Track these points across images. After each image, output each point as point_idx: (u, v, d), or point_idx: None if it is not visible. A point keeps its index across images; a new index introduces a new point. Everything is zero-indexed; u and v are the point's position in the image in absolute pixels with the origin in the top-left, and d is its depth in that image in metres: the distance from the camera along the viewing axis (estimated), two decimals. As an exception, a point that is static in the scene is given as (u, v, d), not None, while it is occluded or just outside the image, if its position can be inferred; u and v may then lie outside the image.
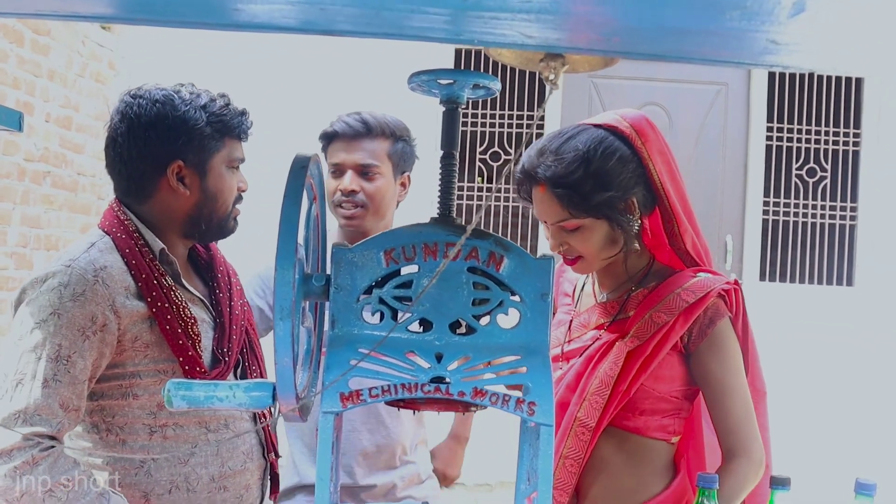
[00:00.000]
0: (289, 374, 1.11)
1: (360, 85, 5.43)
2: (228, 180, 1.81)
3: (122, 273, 1.71)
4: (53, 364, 1.61)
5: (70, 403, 1.63)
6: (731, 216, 5.62)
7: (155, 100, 1.77)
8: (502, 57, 1.02)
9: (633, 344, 1.73)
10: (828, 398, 5.40)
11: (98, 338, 1.65)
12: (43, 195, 4.66)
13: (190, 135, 1.75)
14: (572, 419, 1.74)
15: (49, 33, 4.63)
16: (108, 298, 1.66)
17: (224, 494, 1.82)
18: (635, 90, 5.60)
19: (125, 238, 1.75)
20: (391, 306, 1.21)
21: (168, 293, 1.72)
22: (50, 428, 1.60)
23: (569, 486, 1.75)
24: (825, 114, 5.61)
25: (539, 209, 1.75)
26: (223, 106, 1.80)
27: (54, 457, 1.60)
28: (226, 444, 1.79)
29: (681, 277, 1.78)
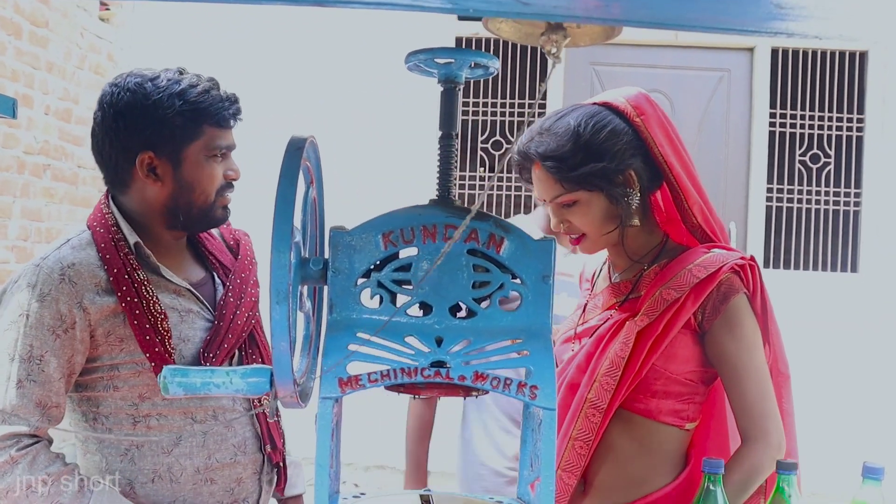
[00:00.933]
0: (286, 359, 1.10)
1: (361, 67, 5.41)
2: (208, 169, 1.74)
3: (93, 268, 1.69)
4: (27, 364, 1.63)
5: (47, 401, 1.64)
6: (735, 203, 5.59)
7: (127, 88, 1.73)
8: (502, 32, 0.99)
9: (643, 322, 1.69)
10: (833, 384, 5.38)
11: (68, 336, 1.65)
12: (43, 188, 4.64)
13: (160, 124, 1.70)
14: (583, 400, 1.72)
15: (47, 25, 4.61)
16: (75, 296, 1.65)
17: (211, 487, 1.79)
18: (637, 77, 5.56)
19: (103, 232, 1.73)
20: (390, 290, 1.19)
21: (139, 287, 1.69)
22: (28, 426, 1.62)
23: (577, 469, 1.72)
24: (828, 99, 5.58)
25: (537, 188, 1.75)
26: (202, 92, 1.72)
27: (33, 455, 1.61)
28: (213, 435, 1.77)
29: (693, 254, 1.74)
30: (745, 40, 5.54)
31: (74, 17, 4.89)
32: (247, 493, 1.85)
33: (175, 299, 1.75)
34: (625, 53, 5.56)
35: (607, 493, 1.74)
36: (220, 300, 1.81)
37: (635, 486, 1.74)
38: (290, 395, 1.14)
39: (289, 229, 1.08)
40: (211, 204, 1.76)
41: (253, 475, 1.85)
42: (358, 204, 2.81)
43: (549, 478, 1.18)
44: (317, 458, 1.16)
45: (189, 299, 1.78)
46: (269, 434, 1.85)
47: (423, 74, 1.28)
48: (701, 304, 1.69)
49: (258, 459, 1.85)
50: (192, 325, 1.76)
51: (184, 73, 1.78)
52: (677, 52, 5.60)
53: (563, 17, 0.80)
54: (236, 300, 1.82)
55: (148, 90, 1.72)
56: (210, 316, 1.80)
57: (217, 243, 1.92)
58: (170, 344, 1.69)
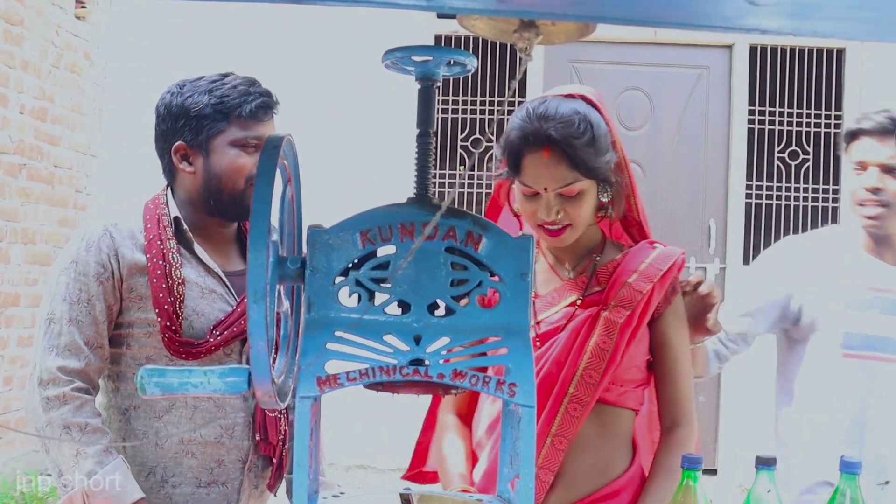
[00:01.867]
0: (263, 359, 1.09)
1: (338, 66, 5.39)
2: (234, 160, 1.89)
3: (134, 231, 1.90)
4: (77, 306, 1.85)
5: (94, 342, 1.85)
6: (714, 200, 5.62)
7: (170, 90, 1.95)
8: (476, 29, 0.99)
9: (620, 314, 1.74)
10: (812, 380, 5.41)
11: (109, 284, 1.86)
12: (19, 188, 4.60)
13: (190, 117, 1.89)
14: (563, 396, 1.74)
15: (22, 23, 4.57)
16: (111, 248, 1.87)
17: (191, 461, 1.90)
18: (616, 75, 5.58)
19: (152, 208, 1.94)
20: (368, 288, 1.19)
21: (167, 253, 1.87)
22: (78, 362, 1.83)
23: (555, 465, 1.74)
24: (807, 96, 5.62)
25: (541, 174, 1.70)
26: (231, 87, 1.90)
27: (81, 401, 1.82)
28: (202, 411, 1.89)
29: (643, 248, 1.83)
30: (724, 38, 5.57)
31: (50, 15, 4.85)
32: (227, 478, 1.92)
33: (201, 276, 1.91)
34: (604, 51, 5.57)
35: (576, 482, 1.77)
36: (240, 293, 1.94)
37: (600, 473, 1.79)
38: (268, 395, 1.13)
39: (266, 228, 1.08)
40: (240, 193, 1.91)
41: (237, 461, 1.92)
42: (336, 202, 2.81)
43: (528, 475, 1.18)
44: (295, 457, 1.16)
45: (216, 281, 1.93)
46: (264, 425, 1.92)
47: (400, 72, 1.27)
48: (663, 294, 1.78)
49: (244, 447, 1.92)
50: (210, 304, 1.90)
51: (227, 75, 1.96)
52: (656, 50, 5.62)
53: (539, 15, 0.80)
54: None
55: (185, 89, 1.92)
56: (233, 301, 1.93)
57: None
58: (180, 307, 1.85)
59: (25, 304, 4.68)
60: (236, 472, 1.92)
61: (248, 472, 1.93)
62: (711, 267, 5.53)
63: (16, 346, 4.62)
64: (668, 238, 1.98)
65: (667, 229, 5.52)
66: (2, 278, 4.50)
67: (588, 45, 5.46)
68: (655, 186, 5.58)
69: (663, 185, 5.58)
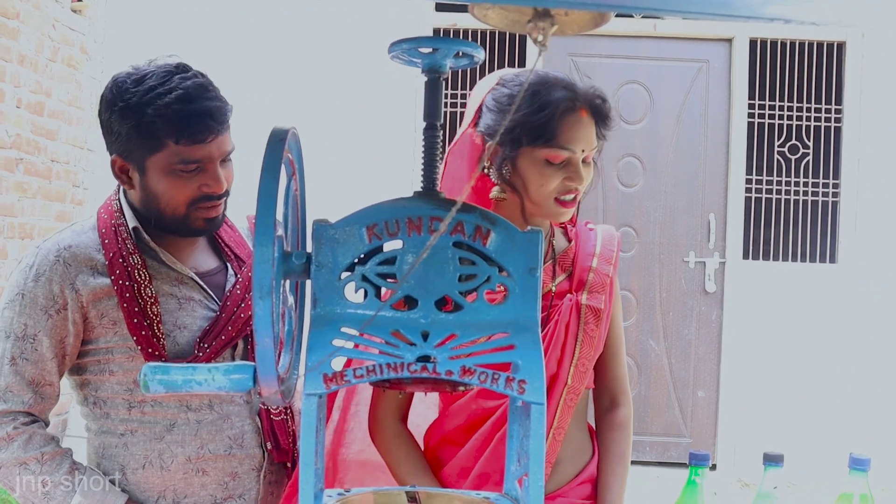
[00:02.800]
0: (269, 355, 1.07)
1: (343, 58, 5.37)
2: (172, 184, 1.68)
3: (90, 251, 1.73)
4: (21, 343, 1.69)
5: (40, 380, 1.71)
6: (714, 194, 5.60)
7: (112, 86, 1.71)
8: (488, 19, 0.97)
9: (598, 300, 1.77)
10: (813, 375, 5.41)
11: (60, 316, 1.70)
12: (16, 183, 4.58)
13: (128, 130, 1.67)
14: (562, 388, 1.74)
15: (18, 17, 4.54)
16: (67, 277, 1.70)
17: (203, 478, 1.78)
18: (616, 68, 5.56)
19: (106, 218, 1.76)
20: (375, 284, 1.17)
21: (132, 271, 1.70)
22: (21, 405, 1.69)
23: (553, 457, 1.76)
24: (807, 90, 5.60)
25: (580, 136, 1.67)
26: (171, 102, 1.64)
27: (29, 434, 1.69)
28: (207, 425, 1.77)
29: (585, 230, 1.85)
30: (724, 31, 5.55)
31: (46, 9, 4.82)
32: (244, 490, 1.81)
33: (175, 286, 1.76)
34: (603, 44, 5.55)
35: (562, 468, 1.79)
36: (228, 291, 1.80)
37: (580, 457, 1.82)
38: (274, 392, 1.12)
39: (271, 223, 1.06)
40: (183, 216, 1.72)
41: (251, 471, 1.81)
42: (341, 197, 2.79)
43: (537, 473, 1.16)
44: (301, 455, 1.14)
45: (192, 288, 1.78)
46: (273, 431, 1.81)
47: (406, 64, 1.25)
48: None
49: (257, 455, 1.81)
50: (191, 313, 1.75)
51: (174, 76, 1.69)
52: (656, 43, 5.60)
53: (553, 3, 0.78)
54: (244, 292, 1.79)
55: (125, 92, 1.67)
56: (215, 306, 1.78)
57: (236, 235, 1.90)
58: (159, 329, 1.70)
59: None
60: (252, 482, 1.81)
61: (265, 480, 1.83)
62: (711, 261, 5.52)
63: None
64: (667, 232, 2.00)
65: (666, 223, 5.50)
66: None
67: (587, 38, 5.44)
68: (655, 180, 5.56)
69: (663, 179, 5.56)
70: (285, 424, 1.83)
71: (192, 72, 1.72)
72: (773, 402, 5.41)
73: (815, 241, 5.60)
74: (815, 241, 5.60)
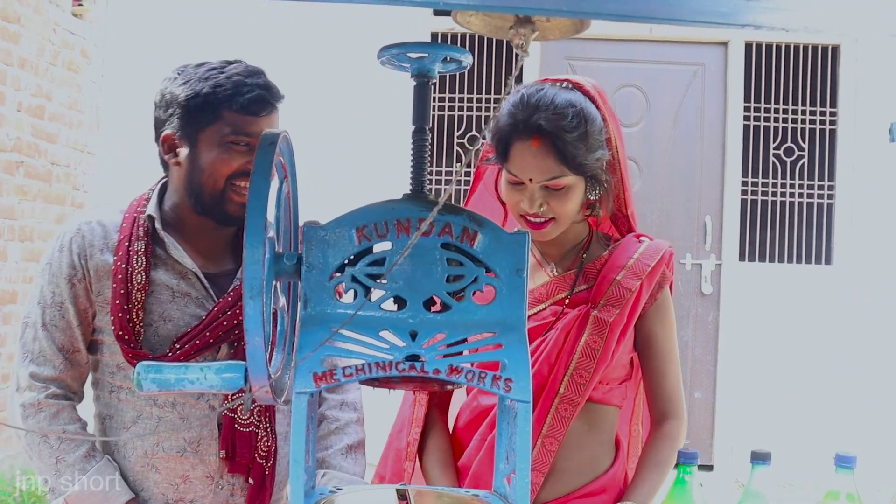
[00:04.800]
0: (260, 354, 1.09)
1: (335, 62, 5.39)
2: (220, 156, 1.75)
3: (109, 230, 1.80)
4: (50, 310, 1.77)
5: (70, 346, 1.77)
6: (710, 197, 5.62)
7: (168, 76, 1.82)
8: (471, 25, 0.99)
9: (610, 313, 1.72)
10: (807, 375, 5.43)
11: (82, 286, 1.77)
12: (16, 185, 4.60)
13: (180, 106, 1.76)
14: (553, 396, 1.72)
15: (19, 21, 4.57)
16: (82, 249, 1.77)
17: (156, 476, 1.78)
18: (612, 72, 5.59)
19: (135, 203, 1.83)
20: (364, 284, 1.19)
21: (132, 255, 1.75)
22: (53, 370, 1.76)
23: (545, 466, 1.73)
24: (802, 93, 5.62)
25: (527, 165, 1.66)
26: (228, 76, 1.76)
27: (57, 408, 1.75)
28: (165, 423, 1.77)
29: (630, 243, 1.80)
30: (719, 35, 5.57)
31: (47, 13, 4.84)
32: (195, 496, 1.79)
33: (174, 278, 1.79)
34: (600, 48, 5.57)
35: (562, 479, 1.77)
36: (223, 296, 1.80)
37: (586, 470, 1.79)
38: (265, 391, 1.14)
39: (262, 225, 1.08)
40: (220, 193, 1.76)
41: (204, 478, 1.79)
42: (332, 199, 2.81)
43: (524, 471, 1.18)
44: (292, 453, 1.16)
45: (192, 283, 1.80)
46: (232, 441, 1.78)
47: (395, 69, 1.27)
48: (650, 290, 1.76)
49: (212, 462, 1.79)
50: (181, 308, 1.77)
51: (232, 63, 1.82)
52: (652, 47, 5.63)
53: (533, 11, 0.80)
54: (235, 299, 1.79)
55: (182, 75, 1.79)
56: (210, 306, 1.79)
57: None
58: (137, 315, 1.73)
59: (23, 301, 4.68)
60: (205, 489, 1.79)
61: (220, 490, 1.80)
62: (707, 263, 5.54)
63: (13, 343, 4.62)
64: (663, 234, 1.98)
65: (662, 225, 5.52)
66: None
67: (584, 41, 5.47)
68: (651, 183, 5.58)
69: (659, 182, 5.59)
70: (252, 438, 1.79)
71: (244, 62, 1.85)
72: (769, 403, 5.43)
73: (810, 243, 5.62)
74: (811, 242, 5.62)
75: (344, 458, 1.87)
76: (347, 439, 1.89)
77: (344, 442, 1.88)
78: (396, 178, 3.61)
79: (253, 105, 1.75)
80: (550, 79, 1.75)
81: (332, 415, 1.91)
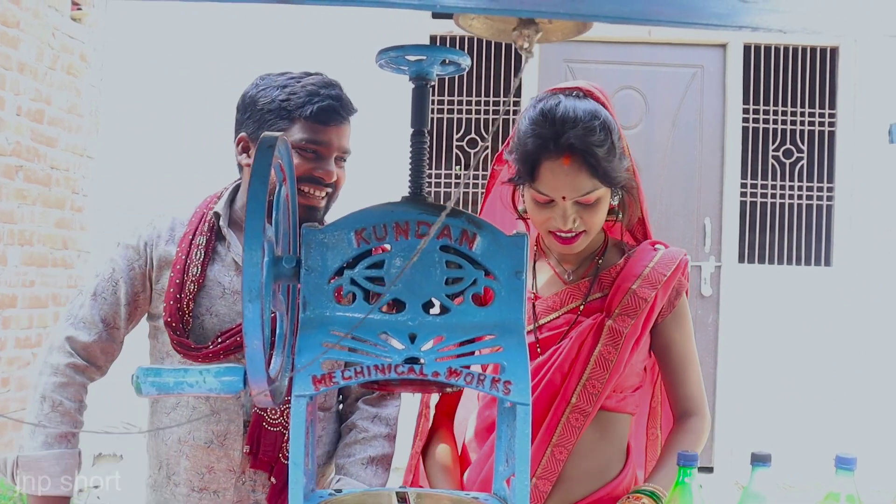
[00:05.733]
0: (259, 357, 1.09)
1: (333, 65, 5.38)
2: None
3: (178, 223, 1.91)
4: (105, 283, 1.87)
5: (112, 321, 1.87)
6: (709, 199, 5.62)
7: (252, 82, 1.91)
8: (473, 29, 0.99)
9: (625, 323, 1.70)
10: (807, 377, 5.43)
11: (141, 272, 1.87)
12: (16, 190, 4.60)
13: (256, 110, 1.84)
14: (565, 405, 1.71)
15: (18, 25, 4.57)
16: (150, 237, 1.88)
17: (185, 462, 1.87)
18: (611, 74, 5.59)
19: (207, 201, 1.93)
20: (363, 287, 1.19)
21: (192, 248, 1.85)
22: (88, 337, 1.85)
23: (554, 475, 1.72)
24: (800, 94, 5.62)
25: (560, 183, 1.63)
26: (300, 86, 1.84)
27: (68, 381, 1.83)
28: (199, 413, 1.87)
29: (646, 251, 1.79)
30: (718, 37, 5.58)
31: (46, 17, 4.84)
32: (218, 487, 1.86)
33: (228, 276, 1.86)
34: (598, 50, 5.58)
35: (571, 486, 1.76)
36: None
37: (596, 478, 1.77)
38: (263, 393, 1.14)
39: (260, 228, 1.08)
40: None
41: (227, 472, 1.86)
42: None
43: (523, 473, 1.18)
44: (291, 455, 1.17)
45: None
46: (257, 438, 1.83)
47: (394, 72, 1.28)
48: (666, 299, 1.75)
49: (235, 458, 1.85)
50: (229, 305, 1.85)
51: (311, 74, 1.92)
52: (650, 49, 5.63)
53: (533, 13, 0.80)
54: None
55: (263, 81, 1.88)
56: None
57: None
58: (188, 305, 1.82)
59: (23, 305, 4.68)
60: (227, 482, 1.87)
61: (241, 484, 1.87)
62: (707, 265, 5.54)
63: (13, 347, 4.61)
64: (663, 237, 1.96)
65: (662, 228, 5.52)
66: (-2, 280, 4.50)
67: (583, 44, 5.47)
68: (650, 185, 5.58)
69: (658, 184, 5.59)
70: (278, 438, 1.84)
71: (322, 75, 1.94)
72: (769, 405, 5.42)
73: (809, 245, 5.63)
74: (810, 244, 5.63)
75: (363, 469, 1.89)
76: (371, 451, 1.91)
77: (367, 453, 1.90)
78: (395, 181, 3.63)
79: (323, 114, 1.83)
80: (559, 87, 1.73)
81: (362, 425, 1.93)
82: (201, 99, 5.05)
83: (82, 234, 5.25)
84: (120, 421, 4.76)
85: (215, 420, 1.84)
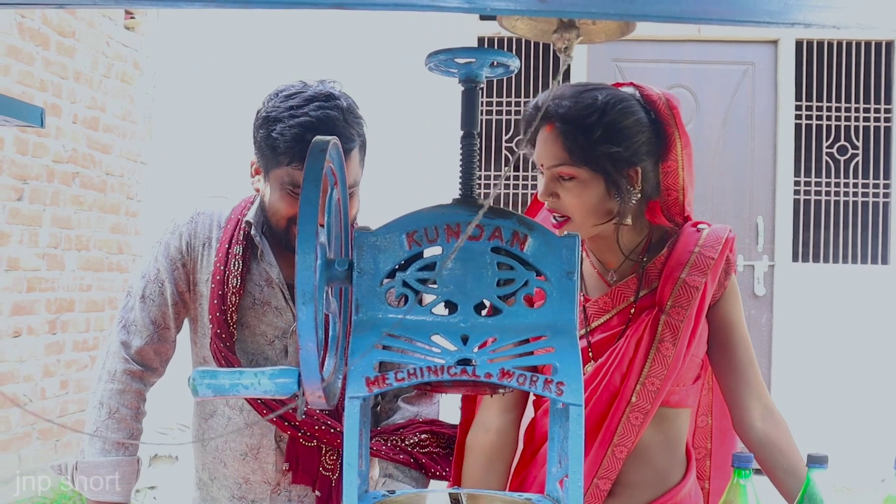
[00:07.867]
0: (313, 359, 1.10)
1: (383, 69, 5.42)
2: (281, 198, 1.76)
3: (215, 225, 1.88)
4: (151, 284, 1.87)
5: (161, 322, 1.87)
6: (762, 197, 5.55)
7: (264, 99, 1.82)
8: (517, 30, 1.00)
9: (680, 315, 1.66)
10: (864, 377, 5.33)
11: (185, 270, 1.87)
12: (72, 196, 4.70)
13: (258, 138, 1.79)
14: (624, 405, 1.67)
15: (74, 35, 4.67)
16: (192, 236, 1.87)
17: (224, 470, 1.88)
18: (660, 72, 5.55)
19: (242, 205, 1.90)
20: (415, 289, 1.20)
21: (230, 257, 1.81)
22: (140, 341, 1.85)
23: (614, 473, 1.69)
24: (854, 90, 5.53)
25: (540, 150, 1.66)
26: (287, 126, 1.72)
27: (125, 388, 1.84)
28: (233, 425, 1.87)
29: (689, 235, 1.73)
30: (769, 33, 5.51)
31: (100, 27, 4.94)
32: (255, 497, 1.88)
33: (259, 286, 1.84)
34: (648, 49, 5.54)
35: (634, 490, 1.72)
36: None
37: (659, 482, 1.73)
38: (318, 395, 1.15)
39: (313, 231, 1.09)
40: (283, 231, 1.80)
41: (262, 484, 1.87)
42: (382, 204, 2.83)
43: (577, 474, 1.18)
44: (345, 457, 1.17)
45: (275, 293, 1.84)
46: (296, 456, 1.83)
47: (443, 74, 1.28)
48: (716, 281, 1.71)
49: (269, 471, 1.86)
50: (258, 317, 1.84)
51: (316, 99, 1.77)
52: (700, 47, 5.57)
53: (580, 14, 0.80)
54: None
55: (271, 103, 1.78)
56: (290, 317, 1.84)
57: None
58: (232, 317, 1.80)
59: (80, 309, 4.77)
60: (263, 493, 1.88)
61: (277, 496, 1.88)
62: (760, 265, 5.47)
63: (71, 350, 4.71)
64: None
65: (714, 227, 5.47)
66: (57, 284, 4.59)
67: (631, 43, 5.43)
68: (701, 184, 5.53)
69: (709, 183, 5.53)
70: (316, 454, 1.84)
71: (333, 102, 1.80)
72: (825, 406, 5.34)
73: (865, 243, 5.53)
74: (866, 242, 5.53)
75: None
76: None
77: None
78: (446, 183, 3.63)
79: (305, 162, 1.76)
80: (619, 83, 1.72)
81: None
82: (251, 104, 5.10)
83: (137, 239, 5.34)
84: (175, 423, 4.83)
85: (248, 433, 1.85)
